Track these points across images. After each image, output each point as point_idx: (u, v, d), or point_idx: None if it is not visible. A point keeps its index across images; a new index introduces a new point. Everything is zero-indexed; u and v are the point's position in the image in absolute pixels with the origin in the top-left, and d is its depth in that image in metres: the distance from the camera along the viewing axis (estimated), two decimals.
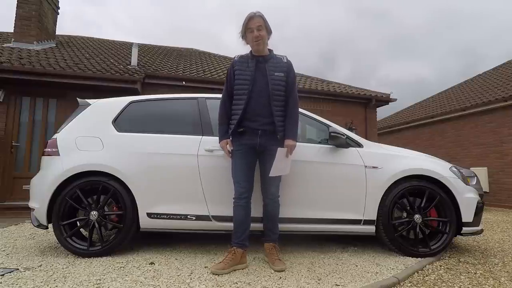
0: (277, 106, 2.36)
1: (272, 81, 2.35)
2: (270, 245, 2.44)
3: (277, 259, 2.34)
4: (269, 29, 2.42)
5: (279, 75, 2.38)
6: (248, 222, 2.42)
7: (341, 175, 2.74)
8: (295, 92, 2.44)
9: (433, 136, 10.27)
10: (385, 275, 2.23)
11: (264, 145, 2.38)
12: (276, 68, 2.39)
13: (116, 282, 2.03)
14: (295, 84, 2.46)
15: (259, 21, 2.35)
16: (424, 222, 2.75)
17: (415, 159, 2.94)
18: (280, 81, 2.38)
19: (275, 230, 2.46)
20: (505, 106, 7.93)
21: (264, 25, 2.37)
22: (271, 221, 2.45)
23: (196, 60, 9.40)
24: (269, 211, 2.43)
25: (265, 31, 2.37)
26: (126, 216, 2.64)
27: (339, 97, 8.31)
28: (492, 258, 2.84)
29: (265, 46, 2.42)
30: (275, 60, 2.44)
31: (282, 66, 2.42)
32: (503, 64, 11.52)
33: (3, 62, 5.69)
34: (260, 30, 2.34)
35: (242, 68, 2.42)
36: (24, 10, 7.32)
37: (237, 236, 2.37)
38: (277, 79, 2.37)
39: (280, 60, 2.45)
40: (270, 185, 2.39)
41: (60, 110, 6.19)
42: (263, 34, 2.35)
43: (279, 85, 2.37)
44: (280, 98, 2.38)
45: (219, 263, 2.29)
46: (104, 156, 2.72)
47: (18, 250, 2.87)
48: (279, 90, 2.37)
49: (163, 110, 3.01)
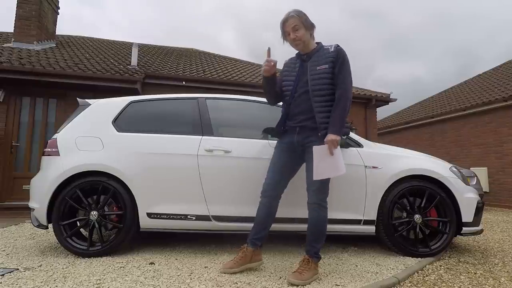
0: (320, 102, 2.16)
1: (312, 76, 2.19)
2: (304, 256, 2.16)
3: (299, 271, 2.07)
4: (309, 24, 2.24)
5: (322, 68, 2.18)
6: (267, 223, 2.27)
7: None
8: (346, 81, 2.17)
9: (433, 136, 10.27)
10: (385, 275, 2.23)
11: (303, 142, 2.24)
12: (320, 61, 2.20)
13: (116, 282, 2.03)
14: (345, 72, 2.17)
15: (293, 21, 2.21)
16: (424, 222, 2.75)
17: (415, 159, 2.94)
18: (323, 74, 2.17)
19: (314, 242, 2.15)
20: (505, 106, 7.93)
21: (301, 23, 2.21)
22: (310, 229, 2.18)
23: (196, 60, 9.40)
24: (309, 218, 2.18)
25: (303, 30, 2.21)
26: (126, 216, 2.64)
27: None
28: (492, 258, 2.84)
29: (308, 44, 2.26)
30: (321, 52, 2.24)
31: (328, 56, 2.20)
32: (503, 64, 11.52)
33: (3, 62, 5.69)
34: (297, 30, 2.21)
35: (289, 70, 2.35)
36: (24, 10, 7.32)
37: (252, 233, 2.28)
38: (319, 72, 2.18)
39: (327, 50, 2.23)
40: (308, 189, 2.19)
41: (60, 110, 6.20)
42: (300, 34, 2.21)
43: (321, 79, 2.17)
44: (323, 92, 2.17)
45: (228, 261, 2.28)
46: (104, 156, 2.72)
47: (18, 250, 2.87)
48: (321, 84, 2.17)
49: (163, 110, 3.01)
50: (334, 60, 2.18)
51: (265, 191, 2.28)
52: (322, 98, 2.17)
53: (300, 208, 2.47)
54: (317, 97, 2.17)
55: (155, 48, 10.56)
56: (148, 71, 6.82)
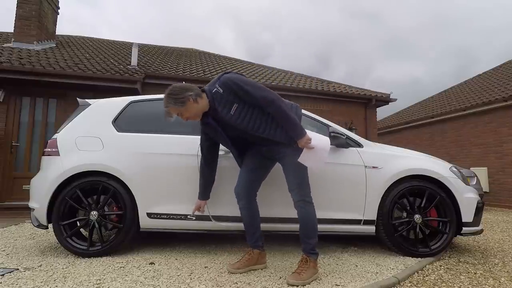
0: (265, 130, 2.07)
1: (237, 121, 2.05)
2: (302, 256, 2.15)
3: (297, 272, 2.06)
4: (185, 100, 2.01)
5: (235, 109, 2.04)
6: (256, 223, 2.31)
7: (341, 175, 2.74)
8: (260, 95, 2.00)
9: (433, 136, 10.27)
10: (385, 275, 2.23)
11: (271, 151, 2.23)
12: (226, 107, 2.04)
13: (116, 282, 2.03)
14: (252, 95, 2.01)
15: (174, 111, 2.06)
16: (424, 222, 2.75)
17: (415, 159, 2.94)
18: (241, 112, 2.04)
19: (306, 238, 2.12)
20: (505, 106, 7.93)
21: (178, 108, 2.04)
22: (300, 226, 2.14)
23: (196, 60, 9.40)
24: (298, 216, 2.15)
25: (184, 110, 2.04)
26: (126, 216, 2.64)
27: (339, 97, 8.31)
28: (492, 258, 2.84)
29: (198, 112, 2.07)
30: (217, 99, 2.05)
31: (226, 99, 2.04)
32: (503, 64, 11.52)
33: (3, 62, 5.69)
34: (182, 114, 2.06)
35: (211, 131, 2.19)
36: (24, 10, 7.32)
37: (249, 238, 2.32)
38: (237, 114, 2.04)
39: (219, 94, 2.04)
40: (290, 190, 2.17)
41: (60, 110, 6.19)
42: (186, 115, 2.06)
43: (246, 117, 2.05)
44: (259, 122, 2.06)
45: (235, 262, 2.30)
46: (104, 156, 2.72)
47: (18, 250, 2.87)
48: (251, 120, 2.05)
49: (163, 110, 3.00)
50: (234, 96, 2.03)
51: (238, 194, 2.30)
52: (263, 127, 2.07)
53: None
54: (259, 130, 2.07)
55: (155, 48, 10.56)
56: (148, 71, 6.82)
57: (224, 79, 2.05)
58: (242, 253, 2.64)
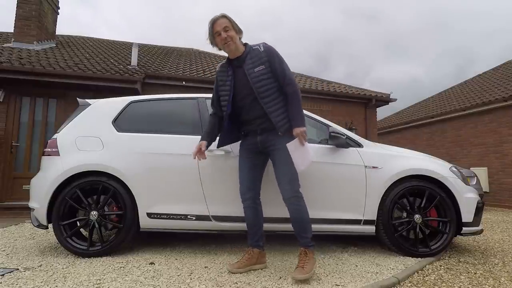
0: (270, 102, 2.18)
1: (254, 79, 2.17)
2: (300, 250, 2.19)
3: (300, 266, 2.10)
4: (238, 28, 2.22)
5: (260, 69, 2.18)
6: (259, 222, 2.34)
7: (341, 175, 2.74)
8: (288, 75, 2.20)
9: (433, 136, 10.27)
10: (385, 275, 2.23)
11: (265, 145, 2.28)
12: (255, 63, 2.19)
13: (116, 282, 2.03)
14: (283, 67, 2.21)
15: (224, 22, 2.18)
16: (424, 222, 2.75)
17: (415, 159, 2.94)
18: (264, 75, 2.18)
19: (303, 233, 2.18)
20: (505, 106, 7.93)
21: (231, 25, 2.19)
22: (295, 222, 2.19)
23: (196, 60, 9.40)
24: (290, 213, 2.20)
25: (233, 31, 2.19)
26: (126, 216, 2.64)
27: (339, 97, 8.32)
28: (492, 258, 2.84)
29: (237, 46, 2.22)
30: (252, 54, 2.22)
31: (261, 57, 2.20)
32: (503, 64, 11.52)
33: (3, 62, 5.69)
34: (228, 31, 2.17)
35: (223, 78, 2.31)
36: (24, 10, 7.32)
37: (250, 237, 2.34)
38: (258, 74, 2.17)
39: (257, 51, 2.22)
40: (280, 185, 2.22)
41: (60, 110, 6.19)
42: (231, 34, 2.18)
43: (263, 80, 2.17)
44: (269, 92, 2.18)
45: (235, 262, 2.31)
46: (104, 156, 2.72)
47: (18, 250, 2.87)
48: (265, 85, 2.17)
49: (163, 110, 3.01)
50: (268, 59, 2.20)
51: (243, 194, 2.33)
52: (270, 98, 2.19)
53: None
54: (265, 98, 2.18)
55: (155, 48, 10.55)
56: (148, 71, 6.82)
57: (269, 46, 2.26)
58: (242, 253, 2.64)
